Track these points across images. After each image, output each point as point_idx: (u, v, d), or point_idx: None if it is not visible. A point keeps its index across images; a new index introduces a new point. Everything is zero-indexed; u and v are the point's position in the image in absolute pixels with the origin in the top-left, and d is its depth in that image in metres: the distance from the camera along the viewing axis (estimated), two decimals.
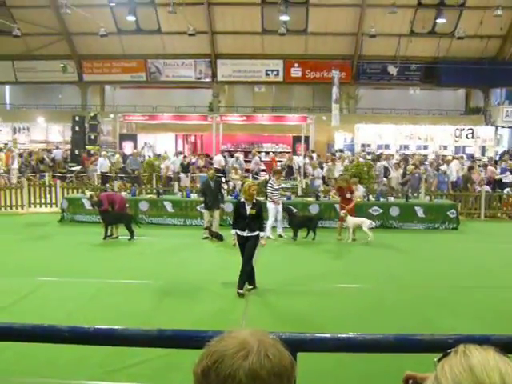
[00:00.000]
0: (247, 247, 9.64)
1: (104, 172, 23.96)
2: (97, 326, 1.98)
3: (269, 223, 15.26)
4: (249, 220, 9.72)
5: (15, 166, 25.52)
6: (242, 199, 10.05)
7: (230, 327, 1.39)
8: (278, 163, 27.69)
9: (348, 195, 15.22)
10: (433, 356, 1.72)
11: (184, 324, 7.72)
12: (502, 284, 10.78)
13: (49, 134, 36.92)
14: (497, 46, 35.46)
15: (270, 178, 16.89)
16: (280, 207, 15.42)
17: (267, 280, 10.60)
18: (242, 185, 21.38)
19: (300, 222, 15.54)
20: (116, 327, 2.03)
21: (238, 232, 9.79)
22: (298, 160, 26.34)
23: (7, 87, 42.65)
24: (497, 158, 29.69)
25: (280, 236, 15.44)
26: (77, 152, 29.39)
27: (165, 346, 2.08)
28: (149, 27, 35.76)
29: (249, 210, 9.75)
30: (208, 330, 1.89)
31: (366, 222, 14.87)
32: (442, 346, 1.88)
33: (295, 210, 16.29)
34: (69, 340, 2.01)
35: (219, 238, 14.64)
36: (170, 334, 2.03)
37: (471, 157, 30.25)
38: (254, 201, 9.89)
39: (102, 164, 24.34)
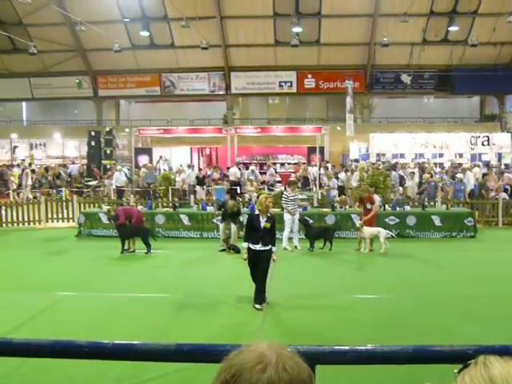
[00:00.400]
0: (261, 262, 9.46)
1: (119, 186, 24.09)
2: (115, 341, 1.99)
3: (285, 234, 15.25)
4: (262, 233, 9.55)
5: (29, 182, 25.76)
6: (257, 211, 9.88)
7: (247, 340, 1.40)
8: (293, 174, 27.66)
9: (368, 206, 15.18)
10: (452, 367, 1.72)
11: (201, 338, 7.71)
12: None
13: (65, 149, 37.22)
14: (510, 53, 35.32)
15: (285, 189, 16.85)
16: (296, 218, 15.39)
17: (284, 292, 10.58)
18: (258, 197, 21.47)
19: (316, 232, 15.47)
20: (134, 342, 2.04)
21: (251, 246, 9.58)
22: (313, 171, 26.32)
23: (24, 104, 43.16)
24: None
25: (296, 247, 15.39)
26: (93, 167, 29.60)
27: (183, 361, 2.08)
28: (162, 42, 36.08)
29: (263, 223, 9.61)
30: (226, 343, 1.90)
31: (382, 232, 14.75)
32: (461, 357, 1.87)
33: (311, 221, 16.26)
34: (88, 355, 2.03)
35: (236, 250, 14.64)
36: (188, 349, 2.04)
37: (487, 164, 30.02)
38: (269, 214, 9.78)
39: (118, 178, 24.47)
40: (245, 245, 9.74)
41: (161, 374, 6.45)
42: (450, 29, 33.51)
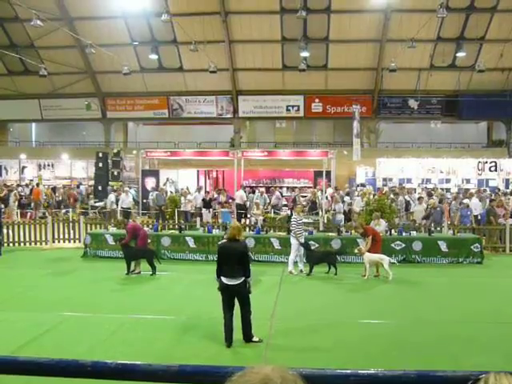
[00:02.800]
0: (241, 298, 8.78)
1: (126, 208, 24.15)
2: (119, 361, 2.00)
3: (291, 258, 15.23)
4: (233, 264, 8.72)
5: (13, 202, 26.49)
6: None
7: (250, 363, 1.40)
8: (302, 198, 27.64)
9: (367, 239, 15.15)
10: None
11: (205, 360, 7.69)
12: None
13: (73, 170, 37.38)
14: None
15: (291, 214, 16.86)
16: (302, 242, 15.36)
17: (288, 315, 10.56)
18: (264, 220, 21.50)
19: (318, 257, 15.39)
20: (137, 362, 2.04)
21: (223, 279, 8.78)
22: (320, 194, 26.31)
23: (33, 125, 43.52)
24: None
25: (301, 271, 15.33)
26: (100, 188, 29.69)
27: (186, 382, 2.07)
28: (171, 65, 36.43)
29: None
30: (228, 365, 1.90)
31: (385, 260, 14.56)
32: (464, 383, 1.87)
33: (316, 245, 16.23)
34: (91, 375, 2.03)
35: None
36: (191, 370, 2.04)
37: (495, 190, 29.96)
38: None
39: (124, 200, 24.54)
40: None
41: None
42: (457, 54, 33.72)
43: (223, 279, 8.65)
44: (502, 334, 9.59)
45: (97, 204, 27.45)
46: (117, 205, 25.04)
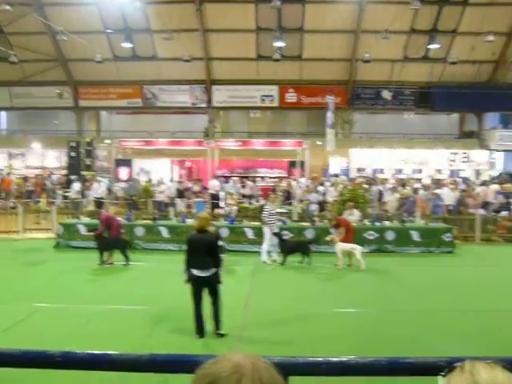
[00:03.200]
0: (212, 289, 8.72)
1: (99, 197, 23.96)
2: (89, 351, 1.98)
3: (264, 247, 15.26)
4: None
5: None
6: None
7: (224, 352, 1.40)
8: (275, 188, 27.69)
9: (341, 230, 15.24)
10: (426, 379, 1.73)
11: (177, 350, 7.66)
12: (498, 307, 10.76)
13: (44, 159, 36.90)
14: (489, 71, 35.79)
15: (265, 203, 16.88)
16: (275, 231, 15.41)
17: (261, 305, 10.60)
18: (239, 210, 21.50)
19: (291, 247, 15.46)
20: (108, 352, 2.03)
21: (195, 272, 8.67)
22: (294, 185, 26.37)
23: (3, 113, 42.77)
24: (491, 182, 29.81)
25: (275, 261, 15.38)
26: (72, 177, 29.38)
27: (157, 371, 2.06)
28: (145, 53, 36.03)
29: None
30: (199, 354, 1.89)
31: (357, 249, 14.69)
32: (433, 369, 1.89)
33: (290, 235, 16.31)
34: (61, 365, 2.01)
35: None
36: (162, 359, 2.03)
37: (466, 180, 30.34)
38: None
39: (97, 189, 24.35)
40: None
41: None
42: (430, 46, 33.90)
43: (194, 271, 8.58)
44: (469, 321, 9.75)
45: (66, 194, 27.11)
46: (82, 194, 24.84)
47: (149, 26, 34.19)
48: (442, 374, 1.30)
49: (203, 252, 8.59)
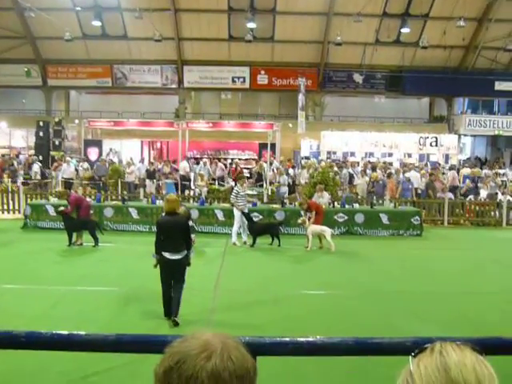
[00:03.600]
0: (180, 272, 8.64)
1: (67, 178, 23.68)
2: (54, 331, 1.95)
3: (234, 229, 15.27)
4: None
5: None
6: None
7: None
8: (245, 170, 27.72)
9: (313, 213, 15.29)
10: (392, 359, 1.75)
11: (146, 331, 7.64)
12: (465, 290, 10.96)
13: (12, 139, 36.32)
14: (459, 56, 36.16)
15: (235, 185, 16.86)
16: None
17: (231, 286, 10.62)
18: (209, 191, 21.45)
19: (260, 228, 15.51)
20: (74, 332, 2.00)
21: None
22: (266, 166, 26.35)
23: None
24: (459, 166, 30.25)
25: (245, 243, 15.42)
26: (41, 158, 28.94)
27: (123, 351, 2.04)
28: (115, 32, 35.53)
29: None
30: (167, 334, 1.88)
31: (327, 231, 14.79)
32: (400, 349, 1.91)
33: (260, 217, 16.35)
34: (25, 346, 1.98)
35: None
36: (129, 339, 2.01)
37: (435, 164, 30.71)
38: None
39: (66, 170, 24.06)
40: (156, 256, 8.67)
41: (106, 368, 6.39)
42: (401, 30, 34.11)
43: (165, 254, 8.48)
44: (437, 303, 9.90)
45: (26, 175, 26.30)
46: (43, 175, 24.39)
47: (119, 4, 33.69)
48: (413, 354, 1.30)
49: (175, 235, 8.51)
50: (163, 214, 9.08)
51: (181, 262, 8.55)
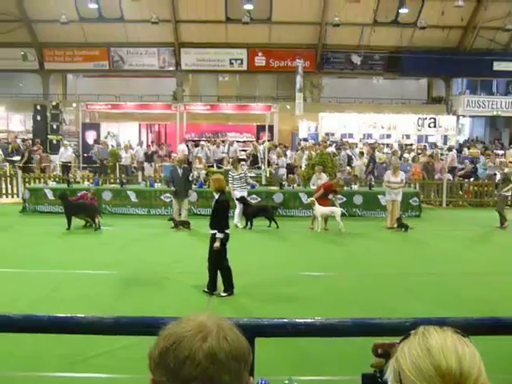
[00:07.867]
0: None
1: (66, 162, 23.64)
2: (51, 315, 1.95)
3: (236, 212, 15.26)
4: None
5: None
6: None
7: None
8: (242, 152, 27.71)
9: (330, 196, 15.26)
10: (392, 339, 1.75)
11: (147, 314, 7.66)
12: (464, 270, 11.00)
13: (9, 123, 36.19)
14: (458, 37, 35.93)
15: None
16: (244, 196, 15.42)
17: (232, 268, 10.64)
18: (207, 174, 21.43)
19: (254, 211, 15.51)
20: (71, 315, 2.00)
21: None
22: (262, 148, 26.33)
23: None
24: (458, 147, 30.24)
25: (236, 226, 15.41)
26: (39, 141, 28.84)
27: (121, 334, 2.06)
28: (111, 15, 35.20)
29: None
30: (164, 316, 1.88)
31: (337, 212, 14.82)
32: (399, 330, 1.91)
33: (258, 200, 16.38)
34: (22, 329, 1.98)
35: (187, 226, 14.63)
36: (126, 321, 2.01)
37: (434, 145, 30.68)
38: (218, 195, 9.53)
39: (63, 154, 24.02)
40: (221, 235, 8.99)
41: (106, 351, 6.42)
42: (400, 11, 33.81)
43: (227, 231, 9.07)
44: (436, 283, 9.93)
45: (13, 158, 25.96)
46: (28, 160, 24.02)
47: None
48: (398, 342, 1.35)
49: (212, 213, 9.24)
50: (216, 196, 9.55)
51: (211, 238, 9.01)
